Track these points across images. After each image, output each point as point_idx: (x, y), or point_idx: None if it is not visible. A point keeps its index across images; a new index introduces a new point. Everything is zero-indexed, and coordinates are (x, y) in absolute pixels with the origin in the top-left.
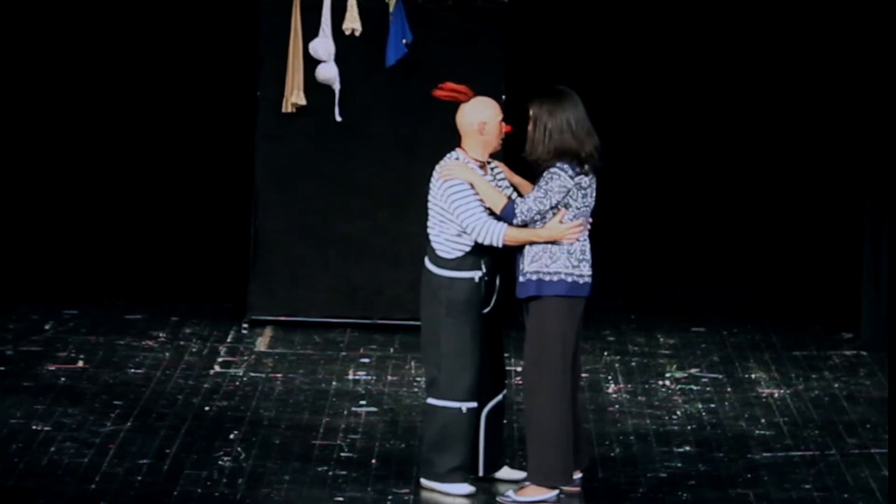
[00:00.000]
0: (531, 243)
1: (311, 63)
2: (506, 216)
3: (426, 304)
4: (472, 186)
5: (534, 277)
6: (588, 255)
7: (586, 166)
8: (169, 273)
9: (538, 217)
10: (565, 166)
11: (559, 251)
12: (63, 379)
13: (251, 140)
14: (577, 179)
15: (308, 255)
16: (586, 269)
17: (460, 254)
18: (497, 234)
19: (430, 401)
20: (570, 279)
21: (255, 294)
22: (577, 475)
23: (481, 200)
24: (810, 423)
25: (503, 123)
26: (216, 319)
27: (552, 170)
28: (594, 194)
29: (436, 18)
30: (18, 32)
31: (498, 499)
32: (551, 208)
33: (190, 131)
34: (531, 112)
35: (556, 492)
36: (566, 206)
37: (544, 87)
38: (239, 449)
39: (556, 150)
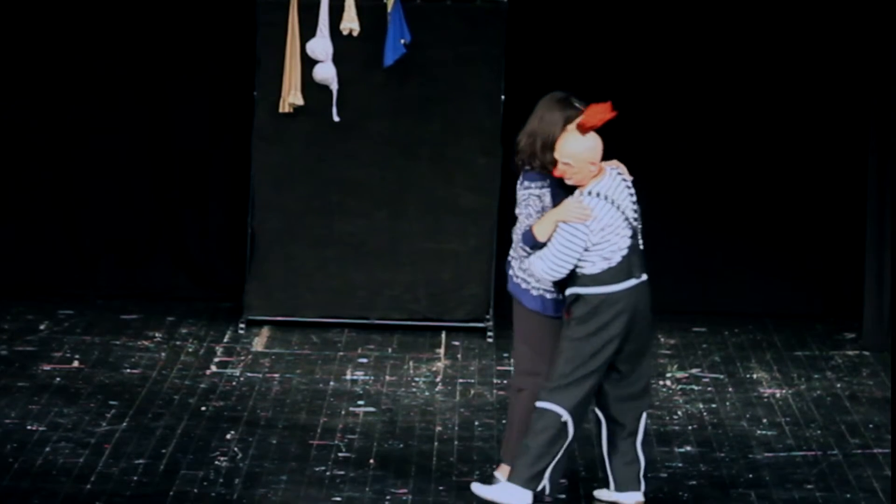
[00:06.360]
0: None
1: (308, 63)
2: None
3: None
4: None
5: None
6: None
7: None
8: (165, 273)
9: None
10: None
11: None
12: (58, 379)
13: (248, 140)
14: None
15: (305, 255)
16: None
17: None
18: None
19: None
20: None
21: (252, 294)
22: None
23: None
24: (812, 424)
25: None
26: (213, 319)
27: None
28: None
29: (435, 18)
30: (16, 31)
31: None
32: None
33: (187, 131)
34: None
35: None
36: None
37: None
38: (236, 449)
39: None
